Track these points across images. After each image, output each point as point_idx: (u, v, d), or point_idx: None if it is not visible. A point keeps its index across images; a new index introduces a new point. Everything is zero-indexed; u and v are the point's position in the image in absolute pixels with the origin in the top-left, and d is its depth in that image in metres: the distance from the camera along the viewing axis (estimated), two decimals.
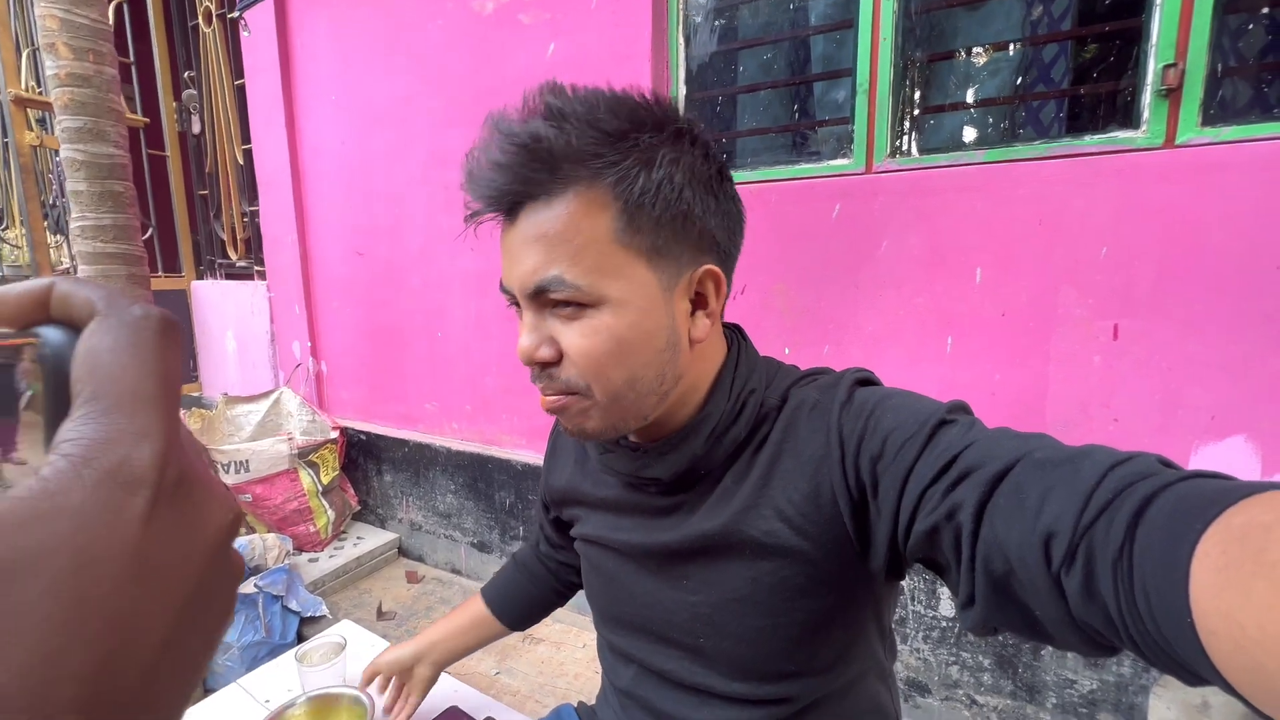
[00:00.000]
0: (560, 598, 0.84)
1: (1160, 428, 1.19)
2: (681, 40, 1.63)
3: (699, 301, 0.51)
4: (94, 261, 1.41)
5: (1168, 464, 0.34)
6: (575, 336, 0.47)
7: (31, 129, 2.49)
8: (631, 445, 0.56)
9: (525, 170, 0.45)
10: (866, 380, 0.53)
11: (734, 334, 0.58)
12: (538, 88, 0.46)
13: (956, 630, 1.38)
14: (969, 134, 1.43)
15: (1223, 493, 0.29)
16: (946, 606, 1.39)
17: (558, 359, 0.48)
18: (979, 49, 1.38)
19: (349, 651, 1.24)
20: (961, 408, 0.47)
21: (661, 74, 1.64)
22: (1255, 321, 1.10)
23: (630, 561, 0.60)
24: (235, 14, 2.38)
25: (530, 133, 0.44)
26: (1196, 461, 1.17)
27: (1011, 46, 1.37)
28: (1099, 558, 0.31)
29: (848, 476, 0.48)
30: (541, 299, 0.47)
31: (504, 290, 0.51)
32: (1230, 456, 1.14)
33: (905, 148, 1.40)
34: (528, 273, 0.47)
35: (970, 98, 1.42)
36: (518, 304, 0.50)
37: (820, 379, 0.55)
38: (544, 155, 0.44)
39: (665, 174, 0.46)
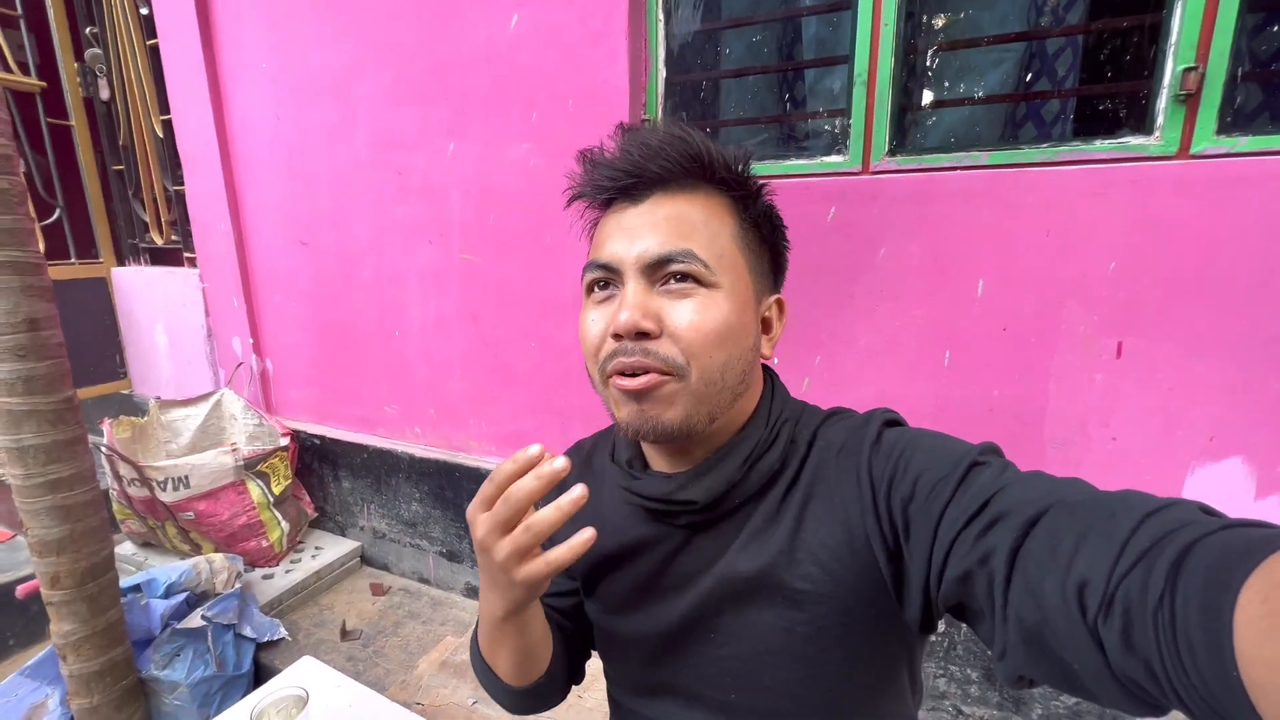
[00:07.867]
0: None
1: (1158, 447, 1.17)
2: (661, 16, 1.47)
3: (765, 325, 0.56)
4: None
5: (1209, 511, 0.33)
6: (688, 312, 0.49)
7: None
8: (664, 474, 0.57)
9: (676, 157, 0.50)
10: (894, 421, 0.53)
11: (767, 371, 0.61)
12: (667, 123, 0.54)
13: (945, 644, 1.37)
14: (975, 133, 1.34)
15: (1265, 540, 0.28)
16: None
17: (659, 334, 0.49)
18: (989, 41, 1.27)
19: (312, 705, 1.13)
20: (993, 449, 0.46)
21: (639, 54, 1.48)
22: (1259, 343, 1.07)
23: (655, 621, 0.58)
24: None
25: (684, 131, 0.51)
26: (1192, 482, 1.15)
27: (1022, 40, 1.27)
28: (1137, 607, 0.30)
29: (880, 520, 0.47)
30: (658, 273, 0.50)
31: (599, 266, 0.52)
32: (1226, 478, 1.13)
33: (906, 146, 1.30)
34: (654, 245, 0.49)
35: (980, 93, 1.32)
36: (605, 283, 0.52)
37: (846, 419, 0.55)
38: (693, 150, 0.50)
39: (769, 210, 0.56)
